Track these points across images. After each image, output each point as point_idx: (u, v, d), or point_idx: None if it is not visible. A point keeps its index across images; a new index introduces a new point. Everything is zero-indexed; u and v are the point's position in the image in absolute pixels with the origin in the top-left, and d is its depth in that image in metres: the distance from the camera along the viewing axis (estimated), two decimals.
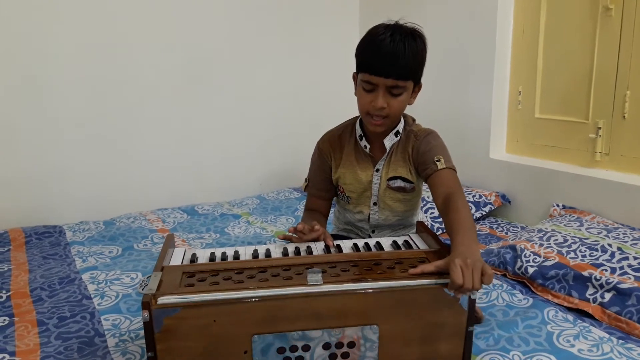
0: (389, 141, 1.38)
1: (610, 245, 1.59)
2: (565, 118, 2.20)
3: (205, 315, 0.95)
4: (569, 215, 1.97)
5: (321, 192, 1.49)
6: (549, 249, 1.65)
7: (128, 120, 2.49)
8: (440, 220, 2.11)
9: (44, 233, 2.15)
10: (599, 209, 1.99)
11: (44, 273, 1.76)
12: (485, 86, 2.39)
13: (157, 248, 2.02)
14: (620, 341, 1.28)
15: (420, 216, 1.55)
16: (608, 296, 1.42)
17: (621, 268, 1.48)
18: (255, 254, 1.18)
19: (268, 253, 1.18)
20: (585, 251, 1.59)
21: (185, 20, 2.56)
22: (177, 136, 2.64)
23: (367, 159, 1.41)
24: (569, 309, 1.46)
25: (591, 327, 1.35)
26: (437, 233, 2.07)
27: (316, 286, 0.98)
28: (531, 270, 1.59)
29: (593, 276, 1.47)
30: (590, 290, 1.47)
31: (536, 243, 1.70)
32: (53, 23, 2.27)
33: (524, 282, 1.61)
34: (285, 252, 1.19)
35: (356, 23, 3.02)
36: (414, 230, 1.38)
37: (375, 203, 1.43)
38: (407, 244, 1.22)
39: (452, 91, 2.56)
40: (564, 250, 1.63)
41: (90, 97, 2.39)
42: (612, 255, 1.54)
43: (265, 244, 1.27)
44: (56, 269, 1.80)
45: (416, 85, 1.32)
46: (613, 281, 1.43)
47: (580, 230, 1.75)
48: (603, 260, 1.53)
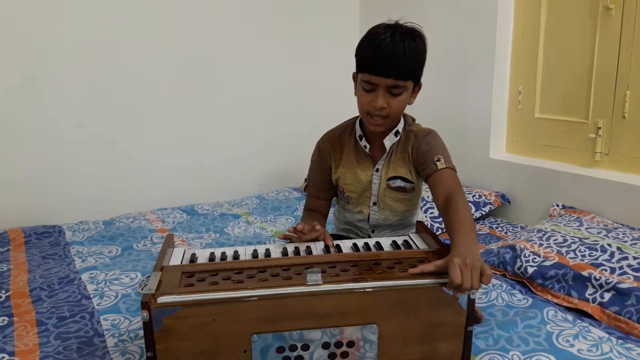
0: (389, 141, 1.38)
1: (609, 245, 1.59)
2: (565, 118, 2.20)
3: (204, 314, 0.95)
4: (569, 215, 1.97)
5: (321, 192, 1.49)
6: (549, 249, 1.65)
7: (128, 120, 2.50)
8: (439, 220, 2.11)
9: (44, 233, 2.15)
10: (599, 209, 1.99)
11: (44, 273, 1.76)
12: (485, 86, 2.39)
13: (157, 248, 2.02)
14: (619, 341, 1.28)
15: (420, 216, 1.55)
16: (607, 296, 1.42)
17: (621, 268, 1.48)
18: (254, 254, 1.18)
19: (268, 253, 1.18)
20: (584, 251, 1.59)
21: (185, 20, 2.56)
22: (177, 136, 2.64)
23: (367, 159, 1.41)
24: (569, 309, 1.46)
25: (590, 327, 1.35)
26: (437, 233, 2.07)
27: (316, 286, 0.98)
28: (531, 270, 1.59)
29: (592, 276, 1.47)
30: (589, 290, 1.47)
31: (536, 243, 1.70)
32: (53, 23, 2.27)
33: (524, 282, 1.61)
34: (284, 252, 1.19)
35: (356, 23, 3.01)
36: (414, 230, 1.38)
37: (375, 203, 1.43)
38: (407, 244, 1.22)
39: (452, 91, 2.56)
40: (564, 250, 1.63)
41: (90, 97, 2.39)
42: (612, 255, 1.54)
43: (264, 244, 1.27)
44: (55, 269, 1.79)
45: (416, 85, 1.32)
46: (612, 281, 1.43)
47: (579, 230, 1.75)
48: (602, 260, 1.53)
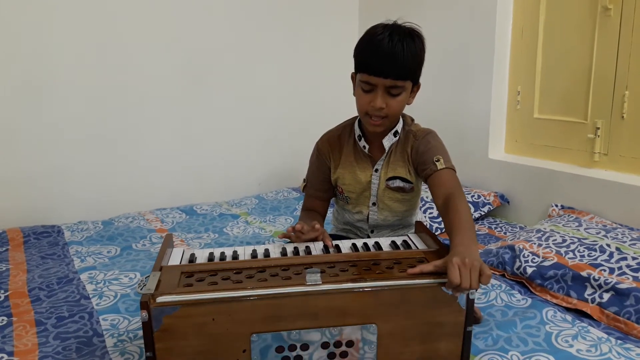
0: (388, 141, 1.38)
1: (608, 245, 1.59)
2: (564, 118, 2.20)
3: (203, 314, 0.95)
4: (568, 215, 1.97)
5: (319, 193, 1.49)
6: (548, 249, 1.65)
7: (128, 120, 2.49)
8: (439, 220, 2.11)
9: (43, 233, 2.15)
10: (598, 209, 1.99)
11: (42, 273, 1.76)
12: (484, 86, 2.39)
13: (156, 248, 2.01)
14: (618, 341, 1.28)
15: (419, 216, 1.55)
16: (606, 296, 1.42)
17: (619, 268, 1.48)
18: (254, 254, 1.18)
19: (267, 253, 1.18)
20: (583, 251, 1.59)
21: (185, 21, 2.56)
22: (177, 136, 2.64)
23: (366, 159, 1.41)
24: (568, 309, 1.46)
25: (590, 327, 1.35)
26: (436, 233, 2.07)
27: (315, 286, 0.98)
28: (530, 270, 1.59)
29: (591, 276, 1.47)
30: (588, 290, 1.47)
31: (535, 243, 1.70)
32: (53, 23, 2.27)
33: (523, 282, 1.61)
34: (284, 252, 1.19)
35: (356, 23, 3.02)
36: (413, 230, 1.38)
37: (374, 203, 1.43)
38: (406, 244, 1.22)
39: (452, 91, 2.56)
40: (563, 250, 1.63)
41: (89, 97, 2.39)
42: (611, 255, 1.54)
43: (264, 244, 1.27)
44: (54, 269, 1.79)
45: (415, 85, 1.32)
46: (611, 281, 1.43)
47: (578, 230, 1.75)
48: (601, 260, 1.53)
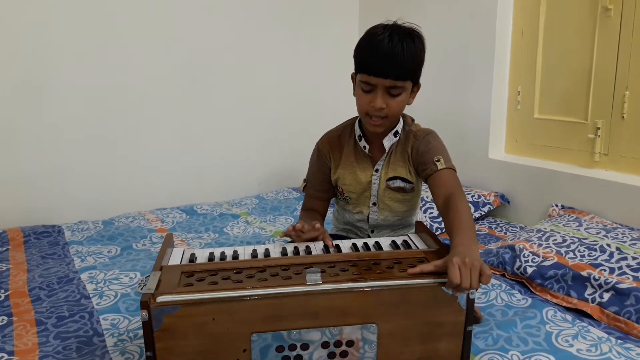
0: (388, 141, 1.38)
1: (609, 245, 1.59)
2: (564, 118, 2.20)
3: (204, 313, 0.95)
4: (568, 215, 1.97)
5: (319, 193, 1.49)
6: (548, 249, 1.65)
7: (128, 120, 2.49)
8: (439, 220, 2.11)
9: (43, 233, 2.15)
10: (598, 209, 1.99)
11: (43, 272, 1.76)
12: (484, 86, 2.39)
13: (156, 248, 2.02)
14: (618, 341, 1.28)
15: (419, 216, 1.55)
16: (607, 296, 1.42)
17: (620, 268, 1.48)
18: (254, 254, 1.18)
19: (267, 253, 1.18)
20: (584, 251, 1.59)
21: (185, 21, 2.56)
22: (177, 136, 2.64)
23: (367, 160, 1.41)
24: (568, 309, 1.46)
25: (590, 327, 1.35)
26: (436, 233, 2.07)
27: (315, 286, 0.98)
28: (530, 270, 1.59)
29: (592, 276, 1.48)
30: (589, 290, 1.47)
31: (535, 243, 1.70)
32: (53, 23, 2.27)
33: (523, 282, 1.62)
34: (284, 252, 1.19)
35: (356, 23, 3.02)
36: (413, 230, 1.38)
37: (374, 203, 1.43)
38: (406, 244, 1.22)
39: (452, 91, 2.56)
40: (563, 250, 1.63)
41: (89, 97, 2.39)
42: (611, 255, 1.54)
43: (264, 244, 1.27)
44: (55, 269, 1.79)
45: (415, 85, 1.32)
46: (612, 281, 1.43)
47: (579, 230, 1.75)
48: (602, 260, 1.53)
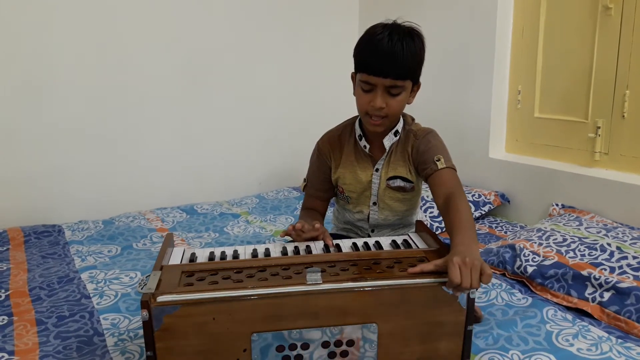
0: (389, 141, 1.38)
1: (609, 244, 1.59)
2: (564, 117, 2.20)
3: (204, 313, 0.95)
4: (568, 214, 1.97)
5: (319, 193, 1.49)
6: (548, 248, 1.65)
7: (128, 120, 2.49)
8: (439, 219, 2.11)
9: (43, 232, 2.15)
10: (598, 209, 1.99)
11: (43, 272, 1.76)
12: (484, 85, 2.39)
13: (156, 247, 2.02)
14: (619, 340, 1.28)
15: (419, 216, 1.55)
16: (607, 295, 1.42)
17: (620, 267, 1.48)
18: (254, 254, 1.18)
19: (267, 252, 1.18)
20: (584, 250, 1.59)
21: (185, 21, 2.56)
22: (177, 136, 2.64)
23: (367, 159, 1.41)
24: (568, 308, 1.46)
25: (590, 327, 1.35)
26: (437, 232, 2.07)
27: (315, 285, 0.98)
28: (530, 269, 1.59)
29: (592, 275, 1.48)
30: (589, 289, 1.47)
31: (535, 242, 1.70)
32: (53, 23, 2.27)
33: (523, 282, 1.61)
34: (284, 252, 1.19)
35: (356, 23, 3.02)
36: (414, 229, 1.38)
37: (375, 203, 1.43)
38: (407, 244, 1.22)
39: (452, 90, 2.56)
40: (563, 249, 1.63)
41: (90, 97, 2.39)
42: (611, 254, 1.54)
43: (264, 244, 1.27)
44: (55, 268, 1.79)
45: (415, 84, 1.32)
46: (612, 280, 1.43)
47: (579, 229, 1.75)
48: (602, 259, 1.53)
